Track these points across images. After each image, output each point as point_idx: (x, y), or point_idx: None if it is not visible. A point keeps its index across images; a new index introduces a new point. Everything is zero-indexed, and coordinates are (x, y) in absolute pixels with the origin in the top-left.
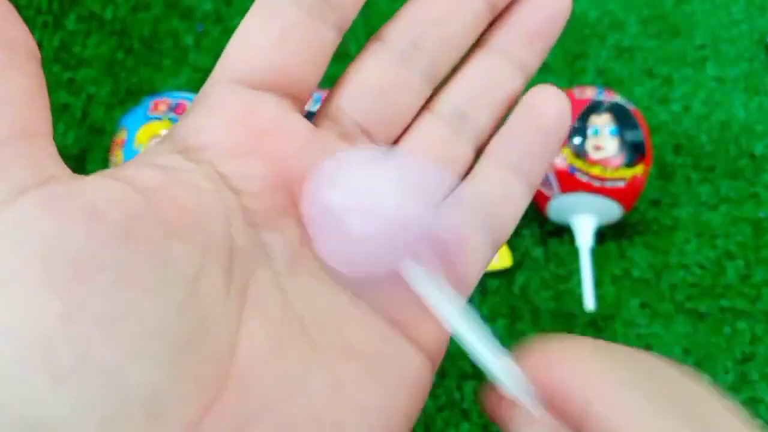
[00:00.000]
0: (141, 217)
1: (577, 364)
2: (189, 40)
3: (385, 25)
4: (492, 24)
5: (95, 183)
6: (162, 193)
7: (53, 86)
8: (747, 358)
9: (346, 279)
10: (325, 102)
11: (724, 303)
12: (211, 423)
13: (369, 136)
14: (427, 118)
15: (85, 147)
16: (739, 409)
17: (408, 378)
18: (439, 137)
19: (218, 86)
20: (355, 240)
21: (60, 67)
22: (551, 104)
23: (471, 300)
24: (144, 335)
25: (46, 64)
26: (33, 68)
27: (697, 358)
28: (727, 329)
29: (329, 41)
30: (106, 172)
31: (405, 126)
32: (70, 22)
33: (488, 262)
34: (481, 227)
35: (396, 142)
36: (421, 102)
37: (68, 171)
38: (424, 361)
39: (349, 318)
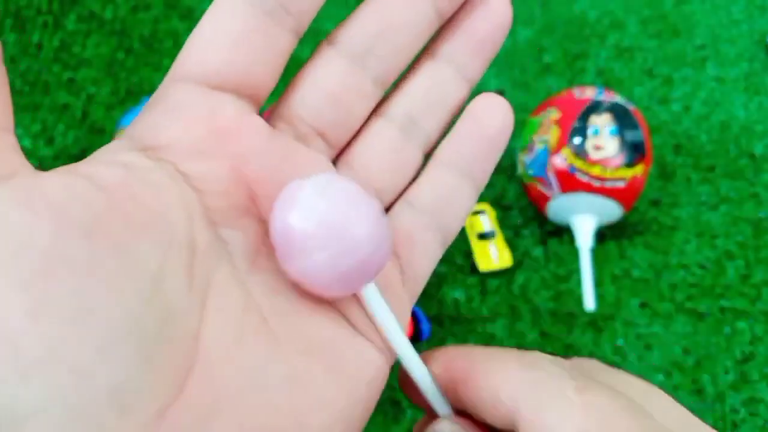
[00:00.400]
0: (104, 214)
1: (470, 356)
2: None
3: (337, 28)
4: (439, 32)
5: (57, 179)
6: (123, 191)
7: (53, 86)
8: (747, 358)
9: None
10: (280, 104)
11: (724, 303)
12: (175, 414)
13: (324, 137)
14: (378, 123)
15: (85, 147)
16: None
17: (366, 371)
18: (391, 142)
19: (176, 85)
20: (318, 267)
21: (60, 67)
22: (494, 113)
23: (470, 301)
24: (111, 330)
25: (46, 64)
26: None
27: (697, 358)
28: (727, 329)
29: (286, 44)
30: (65, 168)
31: (357, 128)
32: (70, 22)
33: (437, 260)
34: (431, 227)
35: (348, 144)
36: (372, 106)
37: (30, 166)
38: (381, 354)
39: (309, 313)
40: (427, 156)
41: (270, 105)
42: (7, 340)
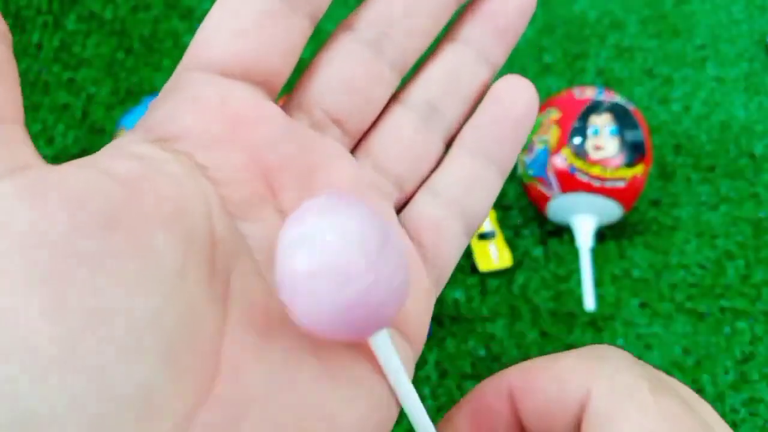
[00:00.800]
0: (122, 207)
1: (528, 362)
2: (189, 40)
3: (352, 13)
4: (460, 16)
5: (72, 172)
6: (141, 183)
7: (53, 86)
8: (747, 358)
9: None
10: (295, 92)
11: (724, 303)
12: (204, 417)
13: (340, 126)
14: (397, 110)
15: (85, 147)
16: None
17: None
18: (411, 130)
19: (189, 74)
20: (322, 311)
21: (60, 67)
22: (518, 95)
23: (470, 301)
24: (132, 329)
25: (46, 64)
26: (1, 51)
27: (697, 358)
28: (727, 329)
29: (302, 30)
30: (80, 161)
31: (376, 116)
32: (70, 22)
33: (463, 249)
34: (455, 216)
35: (367, 132)
36: (390, 92)
37: (41, 159)
38: (409, 345)
39: None
40: (450, 143)
41: (285, 94)
42: (21, 340)
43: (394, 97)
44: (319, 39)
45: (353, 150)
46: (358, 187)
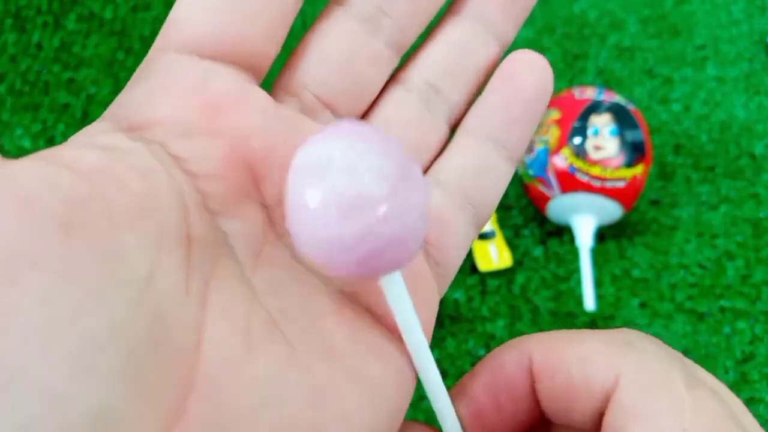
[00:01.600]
0: (83, 204)
1: (553, 336)
2: None
3: None
4: None
5: (27, 166)
6: (105, 177)
7: (53, 86)
8: (747, 358)
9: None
10: (283, 73)
11: (724, 303)
12: None
13: (333, 110)
14: (397, 92)
15: None
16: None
17: (392, 376)
18: (411, 113)
19: (163, 56)
20: (333, 241)
21: (60, 67)
22: (531, 71)
23: (470, 301)
24: (90, 343)
25: (46, 64)
26: None
27: (697, 358)
28: (727, 329)
29: (288, 5)
30: (39, 154)
31: (372, 99)
32: (70, 22)
33: (471, 241)
34: (462, 206)
35: (364, 116)
36: (388, 72)
37: None
38: (408, 357)
39: (325, 312)
40: (455, 127)
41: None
42: None
43: (392, 78)
44: (315, 11)
45: None
46: None
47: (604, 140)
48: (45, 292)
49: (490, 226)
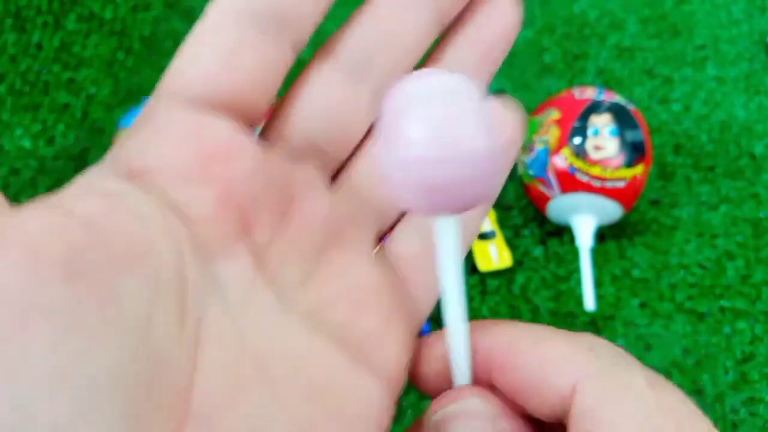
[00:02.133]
0: (84, 250)
1: (514, 329)
2: None
3: (331, 38)
4: (443, 37)
5: (32, 215)
6: (106, 224)
7: (53, 86)
8: (747, 358)
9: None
10: (274, 119)
11: (724, 303)
12: None
13: (320, 155)
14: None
15: (85, 147)
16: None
17: (371, 412)
18: None
19: (164, 105)
20: (411, 166)
21: (60, 67)
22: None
23: (470, 301)
24: (95, 389)
25: (46, 64)
26: None
27: (697, 358)
28: (727, 329)
29: (282, 60)
30: (45, 201)
31: (356, 145)
32: (70, 22)
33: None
34: None
35: (348, 160)
36: (371, 120)
37: (5, 202)
38: (385, 391)
39: (309, 353)
40: None
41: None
42: None
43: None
44: (320, 39)
45: (334, 177)
46: (332, 220)
47: (604, 140)
48: (51, 339)
49: (490, 226)
